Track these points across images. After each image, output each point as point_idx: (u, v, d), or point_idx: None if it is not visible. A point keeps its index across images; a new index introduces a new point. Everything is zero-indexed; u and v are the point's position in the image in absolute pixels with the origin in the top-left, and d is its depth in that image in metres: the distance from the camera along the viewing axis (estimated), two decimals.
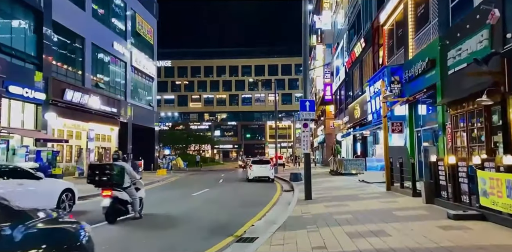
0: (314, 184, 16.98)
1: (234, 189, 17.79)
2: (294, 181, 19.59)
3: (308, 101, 11.64)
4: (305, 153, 11.87)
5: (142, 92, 35.99)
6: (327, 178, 20.35)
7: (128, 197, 8.57)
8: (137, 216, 8.80)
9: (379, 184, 15.07)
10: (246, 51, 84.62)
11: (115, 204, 8.22)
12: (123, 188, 8.47)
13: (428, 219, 6.81)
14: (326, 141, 44.59)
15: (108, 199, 8.11)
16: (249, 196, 14.40)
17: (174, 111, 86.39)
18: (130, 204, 8.64)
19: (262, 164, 21.67)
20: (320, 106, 47.46)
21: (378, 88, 17.35)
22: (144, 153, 35.17)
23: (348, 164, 21.95)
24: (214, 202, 12.73)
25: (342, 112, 32.99)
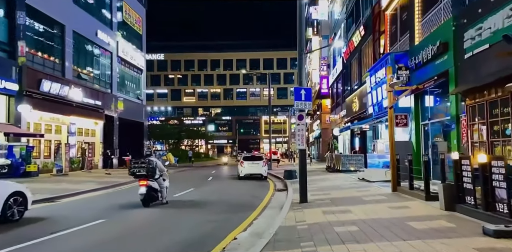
0: (310, 183, 15.47)
1: (222, 188, 16.23)
2: (288, 178, 18.10)
3: (303, 89, 10.06)
4: (300, 149, 10.32)
5: (130, 84, 34.22)
6: (323, 176, 18.85)
7: (158, 186, 10.46)
8: (164, 202, 10.78)
9: (382, 183, 13.57)
10: (241, 45, 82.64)
11: (149, 191, 10.11)
12: (155, 179, 10.38)
13: (459, 236, 5.27)
14: (322, 136, 43.14)
15: (144, 188, 9.96)
16: (238, 197, 12.85)
17: (167, 106, 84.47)
18: (159, 192, 10.57)
19: (254, 161, 20.11)
20: (316, 100, 45.91)
21: (380, 78, 15.80)
22: (132, 148, 33.54)
23: (346, 161, 20.47)
24: (196, 205, 11.15)
25: (339, 106, 31.47)
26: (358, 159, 20.38)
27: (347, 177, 17.27)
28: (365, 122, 17.50)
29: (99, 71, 28.55)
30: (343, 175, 18.46)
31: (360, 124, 18.16)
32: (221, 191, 14.86)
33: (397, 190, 10.77)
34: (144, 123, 36.14)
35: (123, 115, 31.24)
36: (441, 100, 13.24)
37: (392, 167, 10.96)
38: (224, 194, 13.99)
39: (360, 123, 18.17)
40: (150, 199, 10.26)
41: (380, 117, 16.00)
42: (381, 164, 15.19)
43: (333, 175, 18.77)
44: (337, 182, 15.30)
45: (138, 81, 35.84)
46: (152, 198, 10.34)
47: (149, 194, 10.12)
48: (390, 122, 11.35)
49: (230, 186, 16.82)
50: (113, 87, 30.18)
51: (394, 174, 10.89)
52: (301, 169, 10.28)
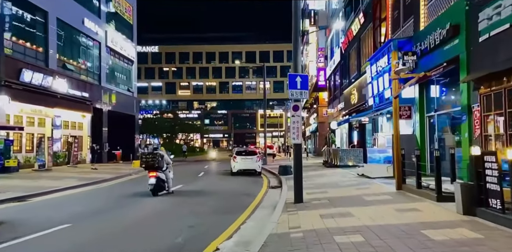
0: (306, 179, 14.42)
1: (212, 185, 15.17)
2: (283, 174, 17.07)
3: (299, 76, 8.95)
4: (295, 143, 9.23)
5: (120, 76, 32.93)
6: (320, 171, 17.82)
7: (164, 177, 11.32)
8: (170, 191, 11.72)
9: (384, 180, 12.55)
10: (236, 37, 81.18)
11: (158, 182, 10.97)
12: (162, 171, 11.22)
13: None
14: (319, 130, 42.11)
15: (154, 179, 10.82)
16: (227, 195, 11.78)
17: (162, 99, 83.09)
18: (166, 182, 11.41)
19: (247, 156, 19.04)
20: (313, 92, 44.77)
21: (382, 66, 14.70)
22: (123, 142, 32.41)
23: (344, 155, 19.43)
24: (181, 205, 10.08)
25: (336, 98, 30.40)
26: (356, 153, 19.35)
27: (345, 172, 16.25)
28: (365, 115, 16.43)
29: (86, 62, 27.25)
30: (341, 170, 17.44)
31: (359, 116, 17.09)
32: (211, 188, 13.79)
33: (402, 189, 9.73)
34: (136, 116, 34.94)
35: (113, 108, 30.04)
36: (448, 90, 12.19)
37: (397, 162, 9.91)
38: (214, 191, 12.93)
39: (360, 116, 17.10)
40: (159, 188, 11.19)
41: (381, 109, 14.93)
42: (382, 159, 14.16)
43: (330, 171, 17.75)
44: (335, 178, 14.26)
45: (129, 73, 34.55)
46: (160, 188, 11.24)
47: (157, 184, 11.05)
48: (395, 113, 10.28)
49: (221, 183, 15.75)
50: (101, 79, 28.91)
51: (399, 171, 9.85)
52: (296, 166, 9.21)
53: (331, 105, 33.61)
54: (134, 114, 34.56)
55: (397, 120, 10.19)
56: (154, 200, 10.84)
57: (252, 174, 18.96)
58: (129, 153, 31.43)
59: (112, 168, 23.25)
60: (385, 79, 14.43)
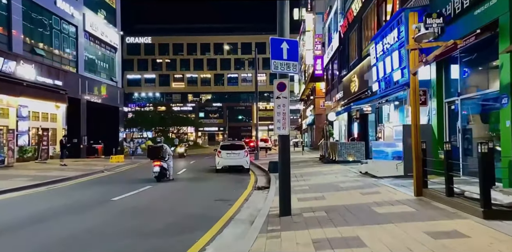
0: (299, 178, 12.01)
1: (188, 185, 12.73)
2: (273, 171, 14.65)
3: (286, 41, 6.44)
4: (280, 135, 6.75)
5: (102, 64, 30.25)
6: (316, 168, 15.39)
7: (166, 166, 12.99)
8: (171, 178, 13.32)
9: (394, 180, 10.13)
10: (232, 28, 78.23)
11: (161, 170, 12.74)
12: (165, 160, 12.94)
13: None
14: (316, 123, 39.67)
15: (158, 167, 12.62)
16: (198, 201, 9.35)
17: (155, 91, 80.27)
18: (168, 170, 13.11)
19: (233, 150, 16.57)
20: (309, 83, 42.28)
21: (390, 43, 12.18)
22: (106, 136, 29.94)
23: (344, 149, 17.00)
24: (134, 216, 7.63)
25: (334, 88, 27.89)
26: (357, 147, 16.93)
27: (345, 170, 13.82)
28: (369, 101, 13.91)
29: (60, 47, 24.57)
30: (340, 167, 15.01)
31: (361, 103, 14.54)
32: (184, 190, 11.35)
33: (424, 195, 7.28)
34: (120, 108, 32.33)
35: (93, 98, 27.46)
36: (474, 69, 9.71)
37: (416, 160, 7.44)
38: (185, 195, 10.49)
39: (362, 103, 14.56)
40: (162, 175, 12.75)
41: (388, 95, 12.44)
42: (390, 154, 11.71)
43: (328, 167, 15.32)
44: (334, 177, 11.82)
45: (112, 61, 31.86)
46: (163, 175, 12.81)
47: (161, 172, 12.66)
48: (413, 95, 7.80)
49: (200, 183, 13.29)
50: (79, 66, 26.26)
51: (419, 171, 7.38)
52: (282, 165, 6.75)
53: (328, 95, 31.11)
54: (118, 105, 31.95)
55: (416, 104, 7.71)
56: (118, 202, 8.40)
57: (239, 171, 16.52)
58: (112, 147, 28.90)
59: (86, 164, 20.79)
60: (394, 59, 11.92)
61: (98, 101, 28.55)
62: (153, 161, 12.78)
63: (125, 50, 78.09)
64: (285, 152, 6.77)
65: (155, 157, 12.76)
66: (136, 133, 58.58)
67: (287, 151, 6.83)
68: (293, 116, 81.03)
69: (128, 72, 78.77)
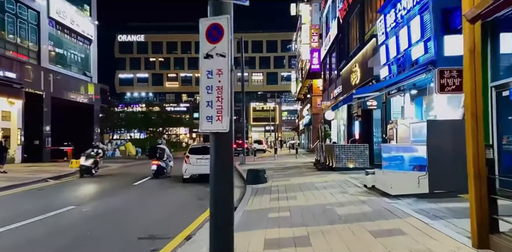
0: (281, 196, 8.39)
1: (127, 204, 9.29)
2: (251, 183, 11.26)
3: None
4: (214, 132, 3.29)
5: (73, 57, 26.84)
6: (307, 178, 11.90)
7: (165, 165, 14.27)
8: (168, 176, 14.37)
9: (417, 202, 6.70)
10: None
11: (158, 168, 14.00)
12: (163, 160, 14.18)
13: None
14: (313, 123, 36.26)
15: (155, 166, 13.90)
16: (113, 241, 5.89)
17: (148, 91, 76.95)
18: (165, 169, 14.31)
19: (206, 155, 13.05)
20: (306, 80, 38.89)
21: (407, 9, 8.74)
22: (78, 137, 26.51)
23: (342, 154, 13.57)
24: None
25: (332, 83, 24.50)
26: (359, 151, 13.50)
27: (345, 181, 10.37)
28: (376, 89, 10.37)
29: (16, 34, 21.15)
30: (338, 177, 11.55)
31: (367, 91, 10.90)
32: (113, 216, 7.89)
33: (492, 247, 3.81)
34: (95, 107, 28.89)
35: (59, 95, 24.03)
36: None
37: (475, 179, 3.99)
38: (104, 227, 7.01)
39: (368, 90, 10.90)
40: (159, 173, 13.99)
41: (402, 81, 9.00)
42: (407, 162, 8.27)
43: (322, 177, 11.85)
44: (329, 195, 8.35)
45: (86, 54, 28.44)
46: (160, 172, 14.04)
47: (157, 170, 13.97)
48: (470, 58, 4.37)
49: (148, 199, 9.83)
50: (42, 57, 22.83)
51: (483, 202, 3.91)
52: (215, 193, 3.31)
53: (326, 93, 27.69)
54: (93, 103, 28.52)
55: (476, 76, 4.29)
56: None
57: None
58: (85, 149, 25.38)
59: (37, 170, 17.33)
60: (412, 29, 8.49)
61: (67, 98, 25.14)
62: (151, 161, 14.38)
63: (117, 49, 74.99)
64: (221, 163, 3.33)
65: (153, 157, 14.29)
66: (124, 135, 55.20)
67: (228, 161, 3.38)
68: (291, 116, 77.77)
69: (120, 71, 75.59)
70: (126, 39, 75.20)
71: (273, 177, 12.64)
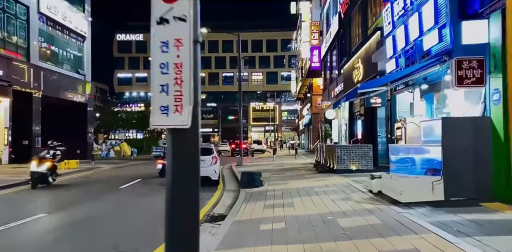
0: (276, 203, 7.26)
1: (109, 210, 8.36)
2: (246, 186, 10.36)
3: None
4: (172, 129, 2.34)
5: (66, 54, 25.90)
6: (306, 182, 10.93)
7: None
8: None
9: (433, 211, 5.74)
10: (227, 25, 73.90)
11: (163, 167, 13.50)
12: None
13: None
14: (313, 123, 35.31)
15: (161, 165, 13.95)
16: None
17: (148, 91, 75.89)
18: None
19: None
20: (306, 79, 37.93)
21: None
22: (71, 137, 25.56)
23: (344, 155, 12.63)
24: None
25: (333, 82, 23.55)
26: (363, 152, 12.56)
27: (347, 185, 9.42)
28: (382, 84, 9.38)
29: (3, 30, 20.20)
30: (339, 180, 10.60)
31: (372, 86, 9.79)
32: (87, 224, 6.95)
33: None
34: (89, 105, 27.95)
35: (50, 93, 23.11)
36: None
37: None
38: (74, 237, 6.06)
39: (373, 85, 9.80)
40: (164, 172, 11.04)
41: (412, 74, 8.04)
42: (419, 165, 7.31)
43: (322, 180, 10.90)
44: (330, 202, 7.40)
45: (80, 51, 27.51)
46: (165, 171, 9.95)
47: (163, 169, 13.31)
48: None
49: (128, 206, 8.89)
50: (31, 54, 21.89)
51: None
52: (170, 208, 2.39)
53: (326, 91, 26.73)
54: (86, 102, 27.58)
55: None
56: None
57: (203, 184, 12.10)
58: (80, 149, 24.46)
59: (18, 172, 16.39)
60: (424, 15, 7.53)
61: (59, 97, 24.22)
62: (157, 159, 14.94)
63: (116, 48, 74.02)
64: (181, 177, 2.39)
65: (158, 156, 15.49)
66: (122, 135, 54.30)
67: (191, 173, 2.45)
68: (290, 116, 76.74)
69: (119, 71, 74.66)
70: (125, 38, 74.29)
71: (269, 180, 11.70)
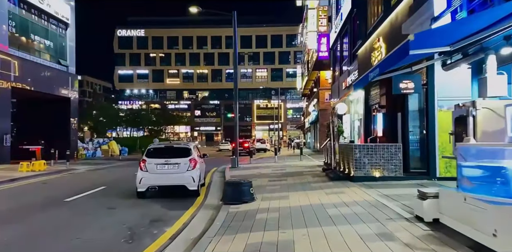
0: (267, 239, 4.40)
1: (28, 237, 5.28)
2: (231, 202, 7.35)
3: None
4: None
5: (44, 42, 23.03)
6: (315, 195, 7.74)
7: None
8: None
9: None
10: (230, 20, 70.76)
11: None
12: None
13: None
14: (320, 120, 32.10)
15: None
16: None
17: (148, 88, 73.25)
18: None
19: (169, 158, 9.06)
20: (313, 72, 34.70)
21: None
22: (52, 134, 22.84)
23: (365, 157, 9.51)
24: None
25: (344, 72, 20.35)
26: (390, 154, 9.44)
27: (376, 206, 6.29)
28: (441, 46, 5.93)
29: None
30: (360, 193, 7.45)
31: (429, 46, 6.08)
32: None
33: None
34: (72, 100, 25.04)
35: (25, 85, 20.23)
36: None
37: None
38: None
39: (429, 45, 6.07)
40: None
41: (493, 28, 4.83)
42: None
43: (337, 193, 7.75)
44: (357, 243, 4.27)
45: (61, 40, 24.62)
46: None
47: None
48: None
49: (60, 231, 5.83)
50: (1, 40, 19.02)
51: None
52: None
53: (335, 83, 23.52)
54: (69, 96, 24.69)
55: None
56: None
57: (178, 195, 9.03)
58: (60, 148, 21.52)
59: None
60: None
61: (36, 89, 21.35)
62: None
63: (116, 44, 71.38)
64: None
65: None
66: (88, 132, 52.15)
67: None
68: (296, 115, 73.47)
69: (120, 67, 72.03)
70: (126, 34, 71.60)
71: (265, 190, 8.62)
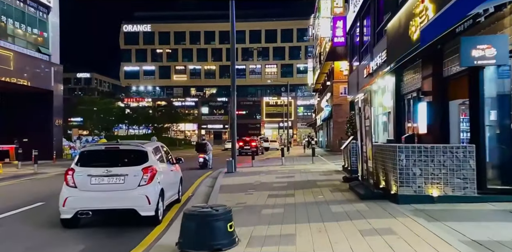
0: None
1: None
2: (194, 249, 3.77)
3: None
4: None
5: (18, 25, 19.97)
6: (336, 236, 4.29)
7: (208, 158, 16.26)
8: (210, 167, 15.82)
9: None
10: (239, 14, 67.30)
11: (204, 160, 16.02)
12: (207, 153, 16.28)
13: None
14: (333, 116, 28.55)
15: (202, 158, 15.94)
16: None
17: (155, 85, 70.41)
18: (208, 161, 16.25)
19: (111, 167, 5.79)
20: (326, 63, 31.04)
21: None
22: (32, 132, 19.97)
23: (416, 165, 5.98)
24: None
25: (365, 56, 16.78)
26: (455, 160, 5.90)
27: None
28: None
29: None
30: (423, 237, 3.98)
31: None
32: None
33: None
34: (55, 93, 21.98)
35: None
36: None
37: None
38: None
39: None
40: (205, 165, 15.84)
41: None
42: None
43: (377, 236, 4.31)
44: None
45: (42, 26, 21.57)
46: (205, 164, 15.88)
47: (204, 162, 15.90)
48: None
49: None
50: None
51: None
52: None
53: (354, 73, 19.91)
54: (52, 89, 21.65)
55: None
56: None
57: (129, 222, 5.70)
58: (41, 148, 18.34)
59: None
60: None
61: (11, 81, 18.34)
62: (198, 154, 16.37)
63: (122, 40, 68.70)
64: None
65: (201, 150, 16.34)
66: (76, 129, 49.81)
67: None
68: (307, 112, 69.78)
69: (126, 64, 69.33)
70: (132, 29, 68.84)
71: (258, 218, 5.17)
